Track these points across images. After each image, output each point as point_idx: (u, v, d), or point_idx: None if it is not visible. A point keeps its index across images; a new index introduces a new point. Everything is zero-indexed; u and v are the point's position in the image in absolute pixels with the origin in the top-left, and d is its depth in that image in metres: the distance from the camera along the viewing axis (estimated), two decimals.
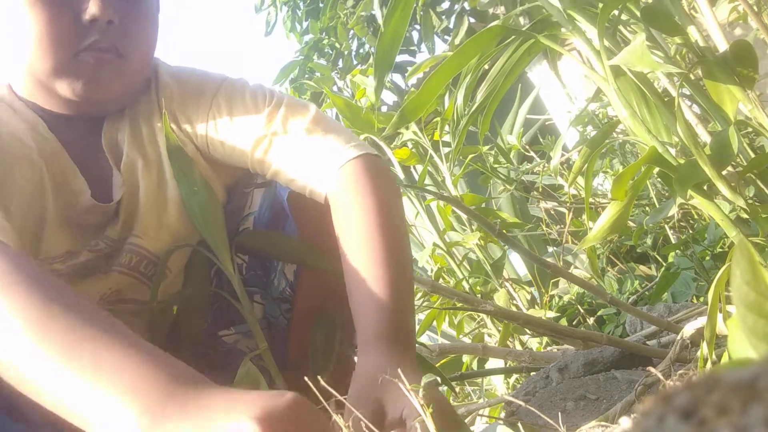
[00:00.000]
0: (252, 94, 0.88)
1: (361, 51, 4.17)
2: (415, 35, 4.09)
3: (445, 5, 3.95)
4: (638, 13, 0.83)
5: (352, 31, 4.07)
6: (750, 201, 0.81)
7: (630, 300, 1.72)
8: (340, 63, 4.24)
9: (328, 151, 0.83)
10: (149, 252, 0.88)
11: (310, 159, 0.84)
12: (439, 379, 0.58)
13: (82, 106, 0.83)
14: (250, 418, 0.45)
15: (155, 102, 0.89)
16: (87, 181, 0.83)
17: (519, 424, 0.66)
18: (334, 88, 3.57)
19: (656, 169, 0.85)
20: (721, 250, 1.48)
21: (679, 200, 0.80)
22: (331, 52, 4.22)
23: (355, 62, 4.16)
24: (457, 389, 1.89)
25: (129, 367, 0.49)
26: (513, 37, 0.86)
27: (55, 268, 0.83)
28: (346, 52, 4.18)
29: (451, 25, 3.89)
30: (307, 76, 4.19)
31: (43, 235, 0.80)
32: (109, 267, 0.87)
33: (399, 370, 0.59)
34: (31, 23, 0.77)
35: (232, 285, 0.86)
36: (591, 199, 2.06)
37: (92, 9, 0.76)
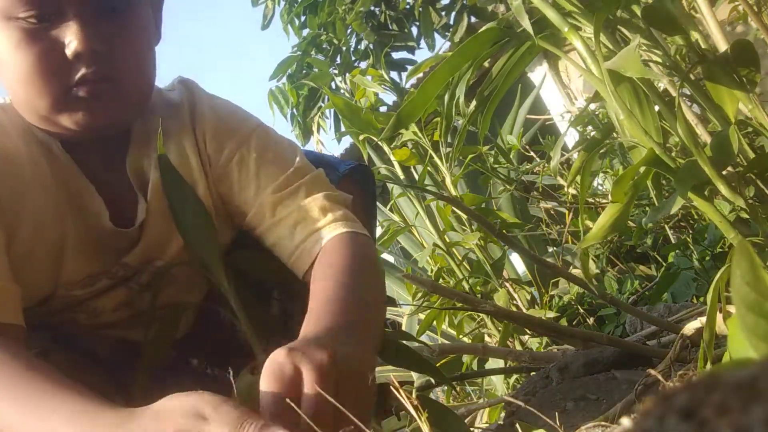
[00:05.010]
0: (282, 154, 0.88)
1: (360, 47, 4.15)
2: (414, 31, 4.07)
3: (445, 2, 3.94)
4: (639, 13, 0.83)
5: (350, 27, 4.06)
6: (750, 201, 0.81)
7: (630, 300, 1.72)
8: (338, 59, 4.22)
9: (319, 222, 0.82)
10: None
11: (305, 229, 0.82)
12: (432, 380, 0.58)
13: (89, 132, 0.81)
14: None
15: (188, 125, 0.88)
16: (107, 203, 0.82)
17: (517, 425, 0.66)
18: (332, 85, 3.56)
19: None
20: (721, 250, 1.48)
21: (680, 202, 0.79)
22: (329, 48, 4.20)
23: (353, 58, 4.15)
24: (457, 389, 1.90)
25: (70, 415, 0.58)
26: (513, 37, 0.85)
27: (74, 294, 0.82)
28: (344, 49, 4.17)
29: (451, 22, 3.89)
30: (304, 71, 4.18)
31: (63, 261, 0.79)
32: (125, 285, 0.86)
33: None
34: (20, 65, 0.75)
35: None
36: (591, 199, 2.06)
37: (74, 44, 0.74)
